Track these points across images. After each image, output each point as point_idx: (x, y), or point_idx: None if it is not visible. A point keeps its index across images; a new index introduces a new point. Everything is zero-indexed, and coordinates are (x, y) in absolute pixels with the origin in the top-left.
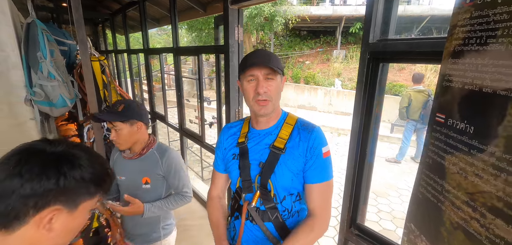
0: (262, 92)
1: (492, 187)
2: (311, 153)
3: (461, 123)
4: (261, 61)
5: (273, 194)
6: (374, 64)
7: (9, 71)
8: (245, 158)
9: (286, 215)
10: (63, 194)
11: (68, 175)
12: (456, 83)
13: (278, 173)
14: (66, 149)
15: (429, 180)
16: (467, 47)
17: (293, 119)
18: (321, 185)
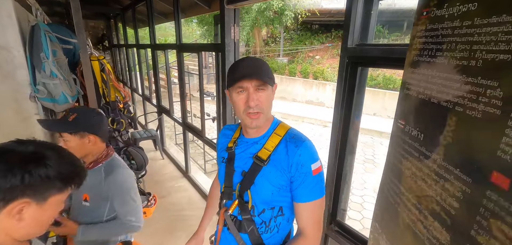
0: (253, 105)
1: (433, 192)
2: (298, 171)
3: (415, 130)
4: (251, 73)
5: (251, 206)
6: (352, 68)
7: (15, 70)
8: (231, 164)
9: (263, 229)
10: (29, 189)
11: (33, 173)
12: (413, 92)
13: (258, 185)
14: (35, 149)
15: (390, 183)
16: (422, 58)
17: (283, 129)
18: (311, 204)
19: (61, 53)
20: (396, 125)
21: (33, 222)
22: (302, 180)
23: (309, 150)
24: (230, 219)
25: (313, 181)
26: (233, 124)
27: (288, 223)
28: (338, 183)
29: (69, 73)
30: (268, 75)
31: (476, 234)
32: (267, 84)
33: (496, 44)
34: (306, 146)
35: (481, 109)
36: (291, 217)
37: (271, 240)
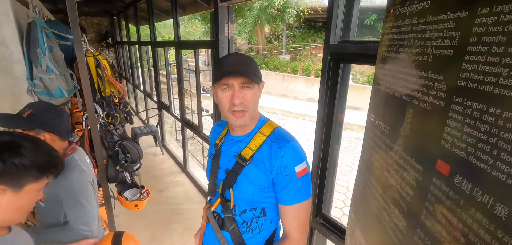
0: (238, 103)
1: (394, 181)
2: (281, 173)
3: (382, 123)
4: (237, 70)
5: (232, 205)
6: (335, 64)
7: (13, 65)
8: (216, 161)
9: (244, 228)
10: (4, 176)
11: (8, 161)
12: (381, 87)
13: (239, 184)
14: (10, 139)
15: (363, 174)
16: (389, 54)
17: (269, 128)
18: (296, 207)
19: (58, 49)
20: (369, 119)
21: (10, 208)
22: (286, 183)
23: (293, 151)
24: (212, 216)
25: (297, 183)
26: (225, 120)
27: (271, 224)
28: (323, 177)
29: (65, 68)
30: (255, 73)
31: (424, 218)
32: (253, 82)
33: (442, 40)
34: (290, 147)
35: (430, 102)
36: (276, 218)
37: (253, 240)
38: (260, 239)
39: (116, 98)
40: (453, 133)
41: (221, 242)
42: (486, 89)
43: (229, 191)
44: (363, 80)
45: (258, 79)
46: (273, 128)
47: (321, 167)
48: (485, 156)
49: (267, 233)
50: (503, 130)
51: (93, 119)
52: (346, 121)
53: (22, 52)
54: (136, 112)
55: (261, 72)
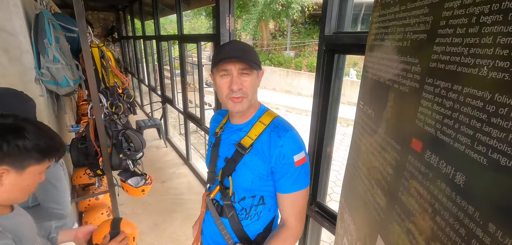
0: (237, 89)
1: (377, 163)
2: (279, 162)
3: (369, 109)
4: (235, 55)
5: (231, 192)
6: (329, 55)
7: (21, 55)
8: (216, 149)
9: (243, 215)
10: (8, 157)
11: (12, 143)
12: (369, 74)
13: (239, 172)
14: (14, 122)
15: (352, 159)
16: (376, 42)
17: (268, 117)
18: (294, 195)
19: (64, 40)
20: (358, 106)
21: (13, 188)
22: (285, 172)
23: (292, 141)
24: (211, 203)
25: (295, 172)
26: (225, 109)
27: (270, 212)
28: (318, 167)
29: (71, 59)
30: (254, 60)
31: (401, 195)
32: (252, 68)
33: (418, 25)
34: (289, 136)
35: (408, 84)
36: (274, 206)
37: (251, 226)
38: (258, 226)
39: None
40: (425, 112)
41: (220, 228)
42: (451, 68)
43: (228, 179)
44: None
45: (257, 66)
46: (273, 117)
47: (316, 157)
48: (449, 130)
49: (266, 220)
50: (463, 105)
51: (98, 108)
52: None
53: (30, 42)
54: (141, 106)
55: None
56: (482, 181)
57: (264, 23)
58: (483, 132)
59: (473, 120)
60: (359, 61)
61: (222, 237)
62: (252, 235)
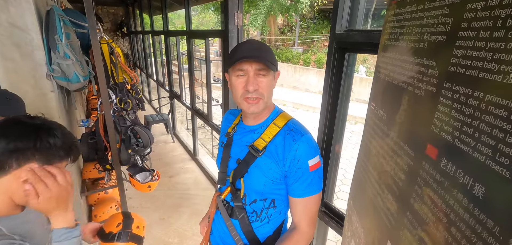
0: (252, 89)
1: (389, 167)
2: (293, 166)
3: (381, 111)
4: (252, 55)
5: (243, 194)
6: (340, 54)
7: (33, 51)
8: (228, 150)
9: (254, 218)
10: (39, 153)
11: (44, 139)
12: (382, 75)
13: (251, 174)
14: (43, 122)
15: (362, 162)
16: (390, 42)
17: (283, 120)
18: (307, 199)
19: (74, 36)
20: (369, 107)
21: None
22: (299, 176)
23: (307, 145)
24: (222, 204)
25: (309, 176)
26: (237, 109)
27: (280, 215)
28: (326, 165)
29: (81, 55)
30: (271, 60)
31: (413, 201)
32: (269, 68)
33: (437, 26)
34: (304, 140)
35: (424, 88)
36: (285, 209)
37: (261, 229)
38: (268, 228)
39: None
40: (442, 117)
41: (230, 229)
42: (472, 73)
43: (240, 180)
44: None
45: (274, 66)
46: (287, 119)
47: (324, 156)
48: (468, 139)
49: (276, 223)
50: (485, 113)
51: (107, 104)
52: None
53: (42, 38)
54: (149, 101)
55: None
56: (503, 195)
57: (273, 18)
58: (506, 143)
59: (496, 130)
60: (369, 58)
61: (231, 238)
62: (262, 237)
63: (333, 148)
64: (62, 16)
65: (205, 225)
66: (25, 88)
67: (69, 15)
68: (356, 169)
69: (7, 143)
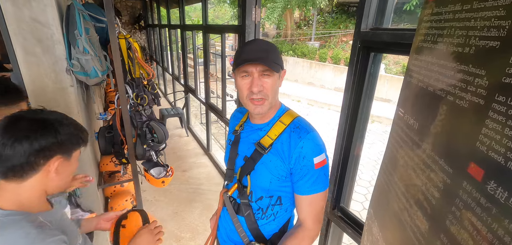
0: (257, 91)
1: (420, 181)
2: (299, 163)
3: (411, 118)
4: (256, 57)
5: (249, 191)
6: (365, 53)
7: (54, 45)
8: (235, 147)
9: (260, 215)
10: (61, 146)
11: (62, 132)
12: (414, 79)
13: (257, 172)
14: (57, 115)
15: (386, 170)
16: (425, 44)
17: (289, 117)
18: (312, 197)
19: (93, 31)
20: (397, 113)
21: (65, 175)
22: (304, 173)
23: (312, 142)
24: (228, 201)
25: (315, 174)
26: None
27: (286, 213)
28: (344, 170)
29: (100, 50)
30: (275, 61)
31: (450, 224)
32: (273, 70)
33: (489, 30)
34: (309, 138)
35: (468, 99)
36: (291, 207)
37: (267, 226)
38: (274, 226)
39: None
40: (491, 135)
41: (236, 226)
42: None
43: (247, 177)
44: (397, 70)
45: (279, 67)
46: (293, 117)
47: (342, 159)
48: None
49: (282, 221)
50: None
51: (124, 99)
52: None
53: (62, 33)
54: (165, 94)
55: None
56: None
57: (289, 12)
58: None
59: None
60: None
61: (237, 235)
62: (268, 235)
63: (353, 150)
64: (82, 11)
65: (214, 222)
66: (46, 82)
67: (89, 9)
68: (379, 178)
69: (30, 144)
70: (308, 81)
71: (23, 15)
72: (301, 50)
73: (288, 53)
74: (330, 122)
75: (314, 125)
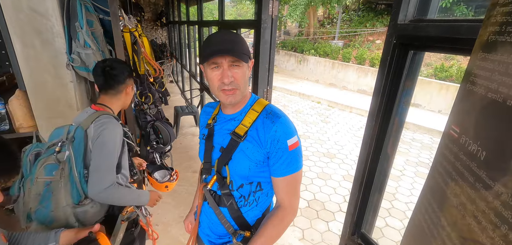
0: (228, 82)
1: (488, 239)
2: (274, 146)
3: (474, 143)
4: (224, 49)
5: (229, 181)
6: (401, 51)
7: (54, 38)
8: (210, 140)
9: (242, 202)
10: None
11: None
12: (479, 88)
13: (235, 160)
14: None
15: (428, 206)
16: (503, 37)
17: (261, 105)
18: (288, 178)
19: (98, 24)
20: (448, 132)
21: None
22: (279, 156)
23: (284, 126)
24: (209, 194)
25: (289, 156)
26: (214, 101)
27: (268, 197)
28: (368, 189)
29: (104, 44)
30: (243, 51)
31: None
32: (242, 60)
33: None
34: (281, 122)
35: None
36: (271, 192)
37: (250, 212)
38: (257, 211)
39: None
40: None
41: (220, 217)
42: None
43: (225, 168)
44: (428, 72)
45: (247, 57)
46: (265, 105)
47: (367, 176)
48: None
49: (264, 205)
50: None
51: None
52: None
53: (62, 25)
54: (182, 91)
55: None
56: None
57: (313, 9)
58: None
59: None
60: None
61: (221, 226)
62: (251, 220)
63: (381, 167)
64: (84, 2)
65: (190, 222)
66: (45, 77)
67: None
68: (416, 212)
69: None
70: (330, 82)
71: (21, 4)
72: (324, 49)
73: (309, 52)
74: (352, 126)
75: (334, 129)
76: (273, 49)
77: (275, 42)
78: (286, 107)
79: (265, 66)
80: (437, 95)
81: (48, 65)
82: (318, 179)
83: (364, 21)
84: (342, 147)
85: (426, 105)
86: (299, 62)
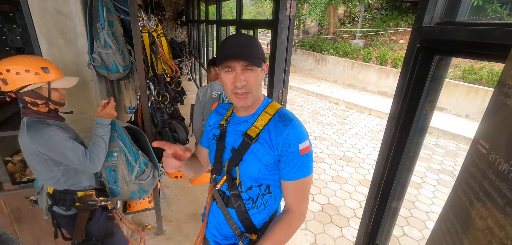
0: (240, 86)
1: None
2: (285, 150)
3: (505, 163)
4: (238, 53)
5: (238, 182)
6: (426, 56)
7: (76, 38)
8: (222, 141)
9: (250, 205)
10: None
11: None
12: None
13: (246, 161)
14: None
15: (451, 225)
16: None
17: (273, 108)
18: (298, 182)
19: (118, 24)
20: (475, 147)
21: None
22: (290, 160)
23: (297, 130)
24: (218, 194)
25: (300, 160)
26: (228, 103)
27: (276, 201)
28: (384, 199)
29: (124, 44)
30: (257, 55)
31: None
32: (255, 65)
33: None
34: (294, 126)
35: None
36: (279, 195)
37: (258, 216)
38: (264, 215)
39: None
40: None
41: (227, 218)
42: None
43: (235, 169)
44: (455, 75)
45: (261, 60)
46: (277, 108)
47: (384, 183)
48: None
49: (272, 209)
50: None
51: (144, 95)
52: None
53: (85, 26)
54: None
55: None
56: None
57: (333, 8)
58: None
59: None
60: None
61: (228, 228)
62: (258, 224)
63: (400, 175)
64: (106, 3)
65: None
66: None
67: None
68: (437, 230)
69: None
70: (349, 83)
71: (47, 6)
72: (343, 49)
73: (328, 52)
74: (371, 129)
75: (351, 131)
76: (289, 50)
77: (292, 43)
78: (303, 108)
79: (281, 67)
80: (464, 98)
81: (71, 64)
82: (333, 182)
83: (387, 20)
84: (359, 151)
85: (452, 109)
86: (317, 62)
